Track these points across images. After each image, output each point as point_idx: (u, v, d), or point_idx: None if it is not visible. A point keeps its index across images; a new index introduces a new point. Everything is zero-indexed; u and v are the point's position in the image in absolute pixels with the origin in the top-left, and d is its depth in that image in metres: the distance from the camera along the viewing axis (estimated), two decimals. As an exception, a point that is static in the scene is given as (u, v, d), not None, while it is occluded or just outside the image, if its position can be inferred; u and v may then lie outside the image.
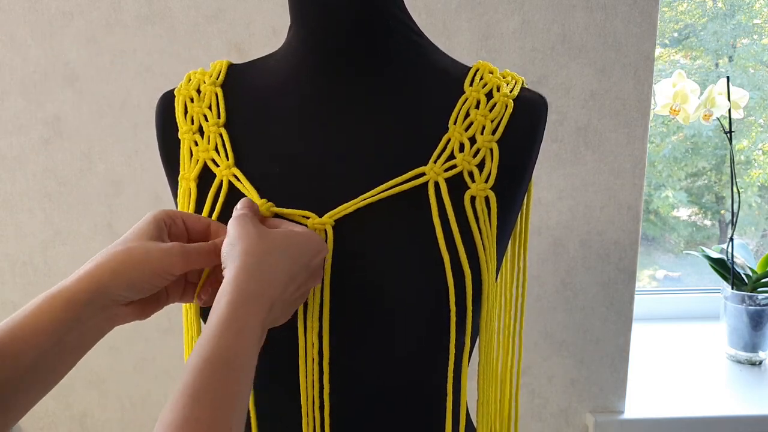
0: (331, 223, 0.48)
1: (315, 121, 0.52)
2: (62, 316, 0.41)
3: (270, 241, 0.43)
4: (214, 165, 0.52)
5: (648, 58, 1.04)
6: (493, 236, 0.49)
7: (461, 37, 1.03)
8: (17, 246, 1.09)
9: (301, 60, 0.53)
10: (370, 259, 0.48)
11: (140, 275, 0.43)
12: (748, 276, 1.27)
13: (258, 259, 0.41)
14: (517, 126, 0.51)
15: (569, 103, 1.05)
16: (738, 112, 1.21)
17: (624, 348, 1.14)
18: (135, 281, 0.43)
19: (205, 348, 0.37)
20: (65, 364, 0.43)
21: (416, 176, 0.48)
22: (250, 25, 1.02)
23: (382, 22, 0.51)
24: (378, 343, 0.48)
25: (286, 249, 0.43)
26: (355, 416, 0.50)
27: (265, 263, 0.41)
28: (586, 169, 1.07)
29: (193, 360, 0.36)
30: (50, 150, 1.06)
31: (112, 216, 1.08)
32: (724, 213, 1.70)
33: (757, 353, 1.26)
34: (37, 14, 1.02)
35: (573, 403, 1.16)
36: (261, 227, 0.44)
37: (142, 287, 0.44)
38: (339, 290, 0.48)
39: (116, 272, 0.42)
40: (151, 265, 0.43)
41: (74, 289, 0.42)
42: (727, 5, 1.56)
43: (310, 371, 0.48)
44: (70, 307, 0.41)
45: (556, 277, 1.11)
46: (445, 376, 0.49)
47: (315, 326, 0.47)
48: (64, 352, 0.42)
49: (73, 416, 1.16)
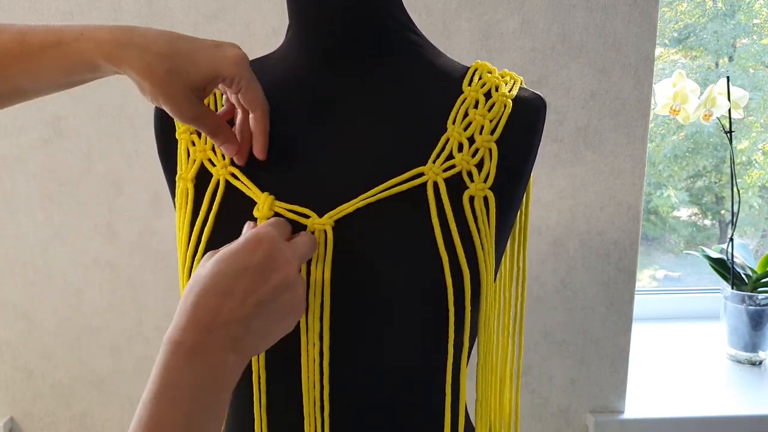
0: (331, 223, 0.48)
1: (313, 120, 0.52)
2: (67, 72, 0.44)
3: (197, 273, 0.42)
4: (210, 165, 0.52)
5: (648, 58, 1.04)
6: (491, 236, 0.49)
7: (461, 37, 1.03)
8: (17, 246, 1.09)
9: (300, 60, 0.53)
10: (370, 259, 0.48)
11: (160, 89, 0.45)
12: (748, 276, 1.27)
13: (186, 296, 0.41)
14: (516, 126, 0.51)
15: (569, 103, 1.05)
16: (738, 112, 1.21)
17: (624, 348, 1.14)
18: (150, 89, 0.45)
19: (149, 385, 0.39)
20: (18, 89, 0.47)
21: (415, 176, 0.48)
22: (250, 25, 1.02)
23: (380, 21, 0.51)
24: (377, 343, 0.48)
25: (209, 271, 0.41)
26: (354, 416, 0.50)
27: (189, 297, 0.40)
28: (586, 169, 1.07)
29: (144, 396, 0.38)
30: (50, 150, 1.06)
31: (112, 216, 1.08)
32: (724, 213, 1.70)
33: (757, 353, 1.26)
34: (37, 14, 1.02)
35: (573, 403, 1.16)
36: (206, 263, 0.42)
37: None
38: (339, 290, 0.48)
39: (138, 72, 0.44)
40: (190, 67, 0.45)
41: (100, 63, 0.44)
42: (727, 5, 1.56)
43: (312, 372, 0.48)
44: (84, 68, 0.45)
45: (556, 277, 1.11)
46: (444, 375, 0.49)
47: (316, 326, 0.47)
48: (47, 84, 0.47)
49: (73, 416, 1.16)
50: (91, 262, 1.10)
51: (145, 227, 1.09)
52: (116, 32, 0.44)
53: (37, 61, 0.45)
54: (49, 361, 1.13)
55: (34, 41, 0.44)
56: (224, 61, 0.45)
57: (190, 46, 0.45)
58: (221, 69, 0.45)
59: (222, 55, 0.45)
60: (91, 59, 0.44)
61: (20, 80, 0.46)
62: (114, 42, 0.44)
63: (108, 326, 1.12)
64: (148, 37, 0.44)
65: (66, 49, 0.44)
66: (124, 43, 0.44)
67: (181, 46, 0.44)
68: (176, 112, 0.46)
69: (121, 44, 0.44)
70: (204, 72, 0.45)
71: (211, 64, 0.45)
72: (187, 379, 0.38)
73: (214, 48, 0.45)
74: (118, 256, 1.10)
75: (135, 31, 0.44)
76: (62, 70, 0.45)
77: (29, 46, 0.44)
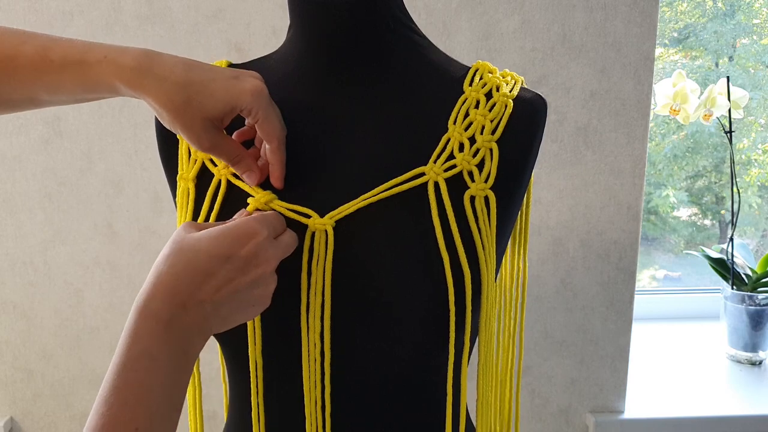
0: (332, 223, 0.48)
1: (314, 120, 0.52)
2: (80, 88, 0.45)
3: (177, 243, 0.42)
4: (212, 164, 0.52)
5: (648, 58, 1.04)
6: (492, 236, 0.49)
7: (461, 37, 1.03)
8: (17, 246, 1.09)
9: (301, 60, 0.53)
10: (371, 258, 0.48)
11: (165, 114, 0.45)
12: (748, 276, 1.27)
13: (158, 265, 0.41)
14: (517, 126, 0.51)
15: (569, 103, 1.05)
16: (738, 112, 1.21)
17: (624, 348, 1.14)
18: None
19: (116, 354, 0.39)
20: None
21: (416, 176, 0.48)
22: (250, 25, 1.02)
23: (381, 22, 0.51)
24: (378, 343, 0.48)
25: (195, 248, 0.41)
26: (356, 416, 0.50)
27: (164, 267, 0.41)
28: (586, 169, 1.07)
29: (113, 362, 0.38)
30: (50, 150, 1.06)
31: (112, 216, 1.08)
32: (724, 213, 1.70)
33: (757, 353, 1.26)
34: (37, 14, 1.02)
35: (573, 403, 1.16)
36: (182, 232, 0.43)
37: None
38: (340, 290, 0.48)
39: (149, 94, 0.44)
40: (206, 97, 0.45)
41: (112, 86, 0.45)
42: (727, 5, 1.56)
43: (313, 371, 0.48)
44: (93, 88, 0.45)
45: (556, 277, 1.11)
46: (445, 375, 0.49)
47: (317, 326, 0.47)
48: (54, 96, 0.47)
49: (73, 416, 1.16)
50: (91, 262, 1.10)
51: (145, 227, 1.09)
52: (138, 58, 0.44)
53: (57, 77, 0.45)
54: (49, 361, 1.13)
55: (56, 57, 0.44)
56: (241, 94, 0.45)
57: (207, 76, 0.45)
58: (238, 101, 0.45)
59: (240, 88, 0.45)
60: (111, 83, 0.45)
61: (37, 92, 0.46)
62: (135, 69, 0.44)
63: (108, 326, 1.12)
64: (166, 66, 0.44)
65: (87, 70, 0.44)
66: (145, 71, 0.44)
67: (199, 76, 0.44)
68: (194, 141, 0.46)
69: (142, 72, 0.44)
70: (221, 104, 0.45)
71: (228, 96, 0.45)
72: (161, 350, 0.39)
73: (231, 80, 0.45)
74: (118, 256, 1.10)
75: (155, 59, 0.44)
76: (81, 88, 0.46)
77: (50, 62, 0.44)
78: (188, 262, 0.41)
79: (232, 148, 0.48)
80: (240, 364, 0.52)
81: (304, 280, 0.48)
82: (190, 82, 0.44)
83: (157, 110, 0.46)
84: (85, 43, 0.45)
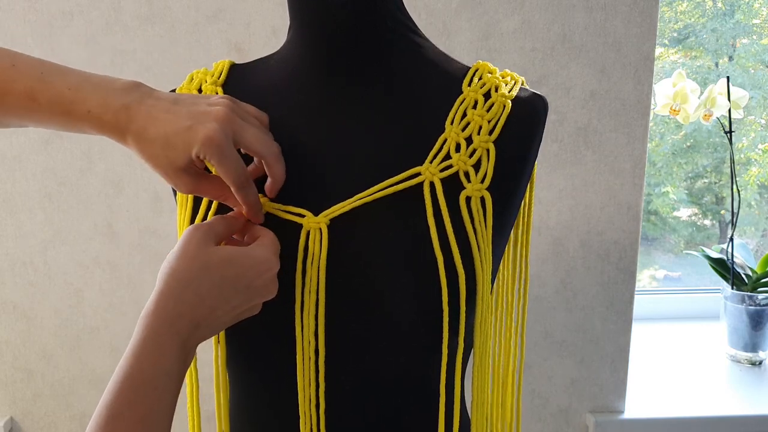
0: (326, 222, 0.48)
1: (313, 120, 0.52)
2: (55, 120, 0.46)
3: (204, 262, 0.42)
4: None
5: (648, 58, 1.04)
6: (488, 237, 0.49)
7: (461, 37, 1.03)
8: (17, 246, 1.09)
9: (300, 60, 0.53)
10: (365, 258, 0.48)
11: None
12: (748, 276, 1.27)
13: (184, 283, 0.41)
14: (515, 126, 0.51)
15: (569, 103, 1.05)
16: (738, 112, 1.21)
17: (624, 348, 1.14)
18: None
19: (124, 368, 0.39)
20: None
21: (412, 176, 0.48)
22: (250, 25, 1.02)
23: (381, 22, 0.51)
24: (373, 342, 0.48)
25: (221, 272, 0.43)
26: (350, 414, 0.50)
27: (191, 286, 0.41)
28: (586, 169, 1.07)
29: (113, 380, 0.38)
30: (50, 150, 1.06)
31: (112, 216, 1.08)
32: (724, 213, 1.71)
33: (757, 353, 1.25)
34: (37, 14, 1.02)
35: (573, 403, 1.16)
36: (204, 247, 0.43)
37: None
38: (334, 289, 0.48)
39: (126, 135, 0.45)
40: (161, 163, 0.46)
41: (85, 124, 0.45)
42: (727, 5, 1.56)
43: (307, 369, 0.48)
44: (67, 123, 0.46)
45: (556, 277, 1.11)
46: (439, 375, 0.49)
47: (311, 325, 0.47)
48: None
49: (73, 416, 1.16)
50: (91, 262, 1.10)
51: (145, 227, 1.09)
52: (119, 114, 0.45)
53: (45, 118, 0.46)
54: (49, 361, 1.13)
55: (43, 102, 0.45)
56: (193, 144, 0.44)
57: (169, 128, 0.45)
58: (192, 150, 0.45)
59: (192, 138, 0.44)
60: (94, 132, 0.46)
61: (24, 122, 0.47)
62: (115, 127, 0.45)
63: (108, 326, 1.12)
64: (140, 122, 0.45)
65: (72, 120, 0.46)
66: (123, 129, 0.45)
67: (163, 129, 0.45)
68: (176, 187, 0.47)
69: (120, 130, 0.45)
70: (181, 154, 0.45)
71: (184, 146, 0.45)
72: (178, 370, 0.40)
73: (186, 130, 0.45)
74: (118, 256, 1.10)
75: (133, 113, 0.45)
76: (65, 129, 0.47)
77: (38, 105, 0.45)
78: (213, 287, 0.42)
79: (213, 189, 0.49)
80: (240, 364, 0.52)
81: (299, 279, 0.48)
82: (156, 137, 0.45)
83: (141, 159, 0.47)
84: (72, 87, 0.46)
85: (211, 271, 0.42)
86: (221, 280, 0.42)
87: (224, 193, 0.49)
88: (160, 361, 0.39)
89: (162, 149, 0.45)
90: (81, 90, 0.45)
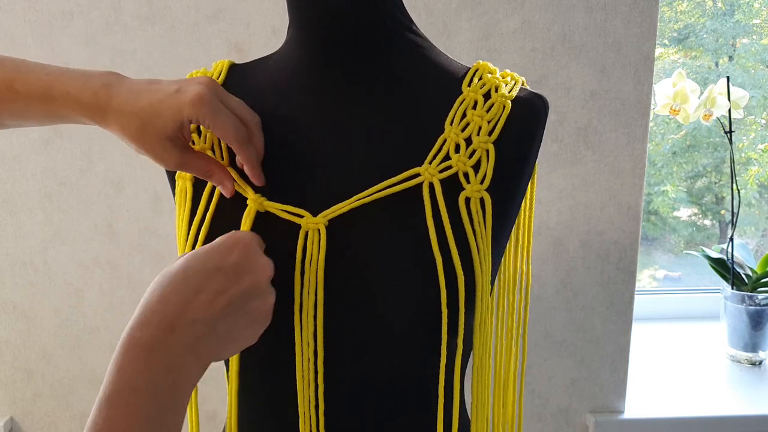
0: (325, 222, 0.48)
1: (312, 120, 0.52)
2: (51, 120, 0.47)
3: (171, 269, 0.41)
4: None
5: (648, 58, 1.04)
6: (487, 238, 0.49)
7: (461, 37, 1.03)
8: (17, 246, 1.09)
9: (299, 60, 0.53)
10: (363, 259, 0.48)
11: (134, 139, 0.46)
12: (748, 276, 1.26)
13: (151, 290, 0.40)
14: (515, 126, 0.51)
15: (569, 103, 1.05)
16: (738, 111, 1.21)
17: (624, 348, 1.14)
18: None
19: (104, 385, 0.37)
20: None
21: (411, 177, 0.48)
22: (250, 25, 1.02)
23: (381, 22, 0.51)
24: (371, 343, 0.48)
25: (185, 266, 0.40)
26: (349, 415, 0.50)
27: (156, 290, 0.39)
28: (586, 169, 1.07)
29: (98, 396, 0.36)
30: (50, 150, 1.06)
31: (112, 216, 1.08)
32: (724, 213, 1.70)
33: (757, 353, 1.25)
34: (37, 14, 1.02)
35: (573, 403, 1.16)
36: (176, 262, 0.42)
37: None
38: (333, 289, 0.48)
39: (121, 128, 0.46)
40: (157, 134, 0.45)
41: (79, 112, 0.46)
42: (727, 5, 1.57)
43: (306, 370, 0.48)
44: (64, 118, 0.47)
45: (556, 277, 1.11)
46: (438, 377, 0.49)
47: (310, 326, 0.47)
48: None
49: (73, 416, 1.16)
50: (91, 262, 1.10)
51: (145, 227, 1.09)
52: (98, 93, 0.45)
53: (23, 107, 0.46)
54: (49, 361, 1.13)
55: (21, 90, 0.45)
56: (182, 107, 0.44)
57: (155, 97, 0.45)
58: (182, 114, 0.44)
59: (181, 101, 0.44)
60: (74, 117, 0.46)
61: (3, 118, 0.47)
62: (95, 106, 0.45)
63: (108, 326, 1.12)
64: (122, 97, 0.45)
65: (51, 104, 0.46)
66: (104, 106, 0.45)
67: (147, 99, 0.45)
68: (161, 162, 0.47)
69: (100, 108, 0.45)
70: (170, 122, 0.45)
71: (172, 112, 0.44)
72: (144, 381, 0.37)
73: (174, 94, 0.45)
74: (118, 256, 1.10)
75: (114, 91, 0.45)
76: (47, 119, 0.47)
77: (16, 93, 0.45)
78: (177, 283, 0.39)
79: (200, 164, 0.48)
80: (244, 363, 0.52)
81: (297, 280, 0.48)
82: (140, 108, 0.44)
83: (121, 139, 0.47)
84: (51, 74, 0.46)
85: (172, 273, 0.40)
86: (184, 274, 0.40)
87: (211, 167, 0.49)
88: (119, 376, 0.36)
89: (148, 119, 0.44)
90: (60, 76, 0.46)
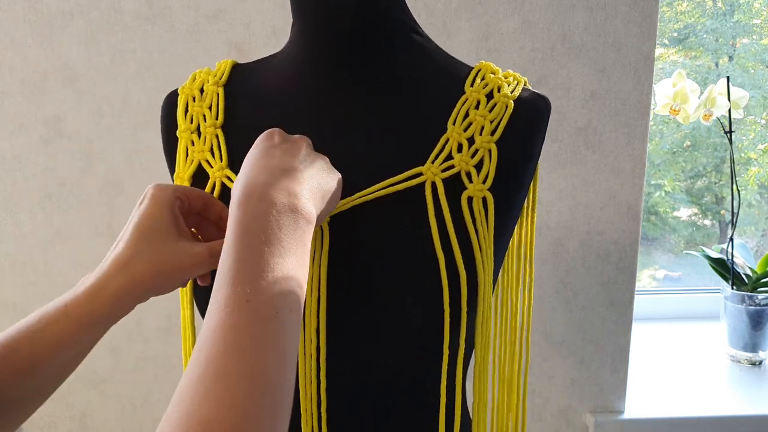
0: (327, 219, 0.48)
1: (314, 120, 0.52)
2: (84, 336, 0.42)
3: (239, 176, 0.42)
4: (208, 166, 0.52)
5: (648, 58, 1.04)
6: (490, 237, 0.49)
7: (461, 37, 1.03)
8: (17, 246, 1.09)
9: (302, 60, 0.53)
10: (365, 257, 0.48)
11: (170, 285, 0.44)
12: (748, 276, 1.27)
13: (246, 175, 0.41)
14: (517, 127, 0.51)
15: (569, 103, 1.05)
16: (738, 112, 1.21)
17: (624, 348, 1.14)
18: (163, 290, 0.44)
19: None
20: (75, 366, 0.45)
21: (413, 176, 0.48)
22: (250, 25, 1.02)
23: (383, 21, 0.51)
24: (374, 340, 0.48)
25: (249, 162, 0.42)
26: (352, 412, 0.50)
27: (243, 170, 0.41)
28: (586, 169, 1.07)
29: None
30: (50, 150, 1.06)
31: (112, 216, 1.08)
32: (724, 213, 1.71)
33: (757, 353, 1.25)
34: (37, 14, 1.02)
35: (573, 403, 1.16)
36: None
37: (167, 290, 0.44)
38: (336, 287, 0.48)
39: (147, 290, 0.43)
40: (183, 274, 0.43)
41: (97, 312, 0.42)
42: (727, 5, 1.57)
43: (309, 367, 0.48)
44: (93, 329, 0.42)
45: (556, 277, 1.11)
46: (440, 376, 0.49)
47: (313, 323, 0.47)
48: (78, 357, 0.44)
49: (73, 416, 1.16)
50: (91, 262, 1.10)
51: (145, 227, 1.08)
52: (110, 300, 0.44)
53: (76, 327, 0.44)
54: (49, 361, 1.13)
55: (72, 314, 0.43)
56: (187, 270, 0.44)
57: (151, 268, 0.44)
58: (187, 274, 0.44)
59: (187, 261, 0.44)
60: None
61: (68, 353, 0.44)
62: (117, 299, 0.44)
63: (108, 326, 1.12)
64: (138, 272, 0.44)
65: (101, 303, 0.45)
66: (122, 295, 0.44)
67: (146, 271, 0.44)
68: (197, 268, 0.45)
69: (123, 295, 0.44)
70: (177, 279, 0.44)
71: (182, 274, 0.44)
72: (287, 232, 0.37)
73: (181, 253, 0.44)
74: (118, 256, 1.09)
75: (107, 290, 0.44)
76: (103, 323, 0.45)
77: (66, 316, 0.44)
78: (251, 163, 0.41)
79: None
80: None
81: None
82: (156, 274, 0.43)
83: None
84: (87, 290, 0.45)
85: (243, 172, 0.41)
86: (248, 163, 0.41)
87: None
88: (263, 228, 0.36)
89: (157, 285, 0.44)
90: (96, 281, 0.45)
